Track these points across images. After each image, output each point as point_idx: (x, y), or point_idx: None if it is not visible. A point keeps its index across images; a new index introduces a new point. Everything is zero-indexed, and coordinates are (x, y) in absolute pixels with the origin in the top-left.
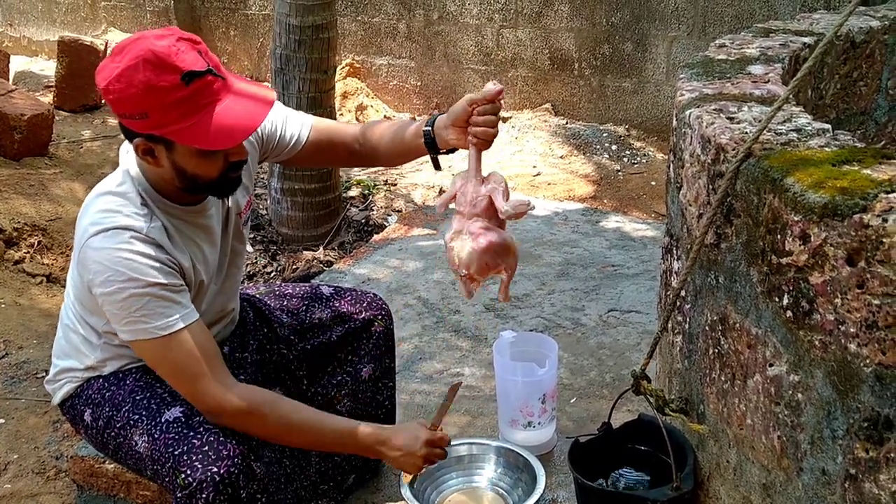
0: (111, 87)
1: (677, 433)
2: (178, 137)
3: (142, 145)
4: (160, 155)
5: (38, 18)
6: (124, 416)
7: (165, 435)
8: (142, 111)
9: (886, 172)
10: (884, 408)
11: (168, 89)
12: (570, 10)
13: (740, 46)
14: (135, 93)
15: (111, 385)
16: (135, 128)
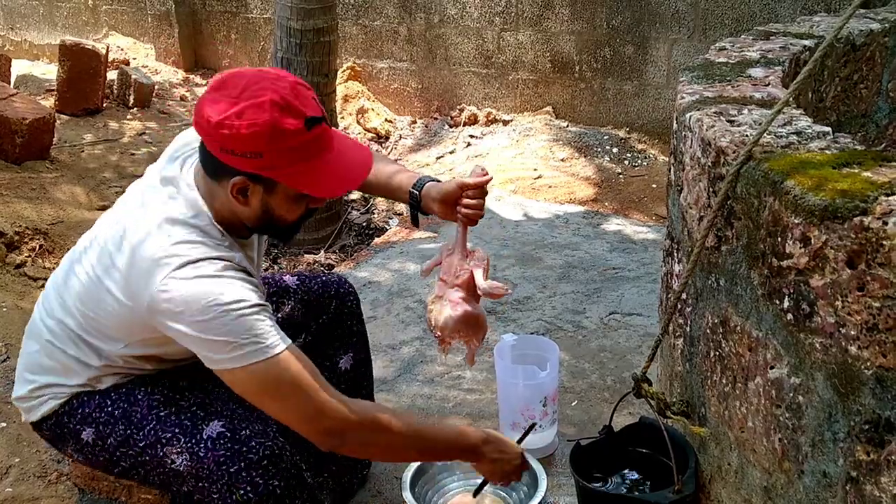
0: (228, 122)
1: (678, 436)
2: (289, 181)
3: (240, 183)
4: (254, 195)
5: (39, 22)
6: (150, 434)
7: (214, 452)
8: (257, 151)
9: (886, 175)
10: (885, 410)
11: (291, 133)
12: (571, 13)
13: (740, 49)
14: (256, 132)
15: (118, 402)
16: (240, 166)
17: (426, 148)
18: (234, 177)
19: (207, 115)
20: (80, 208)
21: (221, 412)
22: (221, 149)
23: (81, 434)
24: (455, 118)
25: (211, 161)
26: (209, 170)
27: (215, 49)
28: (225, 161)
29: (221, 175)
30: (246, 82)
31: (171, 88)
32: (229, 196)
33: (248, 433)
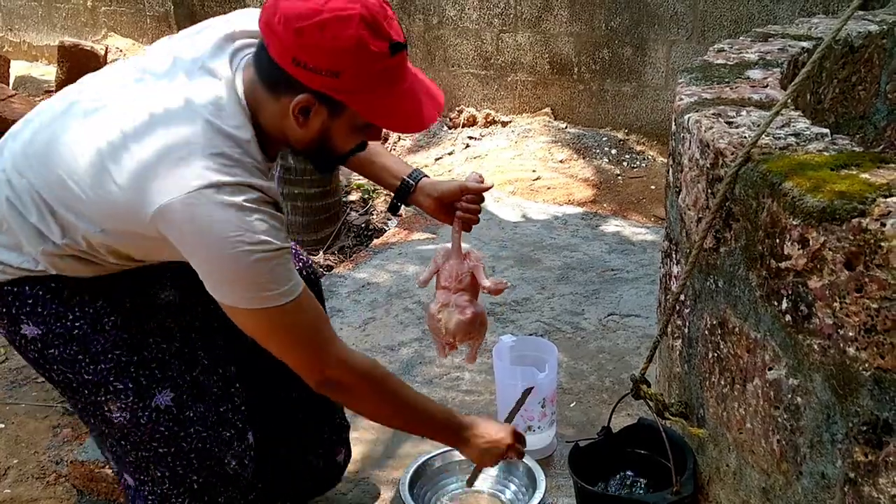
0: (308, 31)
1: (677, 437)
2: (360, 108)
3: (304, 102)
4: (316, 117)
5: (38, 23)
6: (102, 373)
7: (154, 424)
8: (335, 69)
9: (884, 177)
10: (883, 411)
11: (376, 56)
12: (570, 15)
13: (739, 51)
14: (339, 47)
15: (81, 319)
16: (311, 83)
17: (425, 149)
18: (300, 94)
19: (284, 15)
20: None
21: (177, 379)
22: (294, 60)
23: (23, 327)
24: (454, 119)
25: (274, 71)
26: (268, 80)
27: None
28: (293, 74)
29: (284, 90)
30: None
31: None
32: (288, 114)
33: (192, 415)
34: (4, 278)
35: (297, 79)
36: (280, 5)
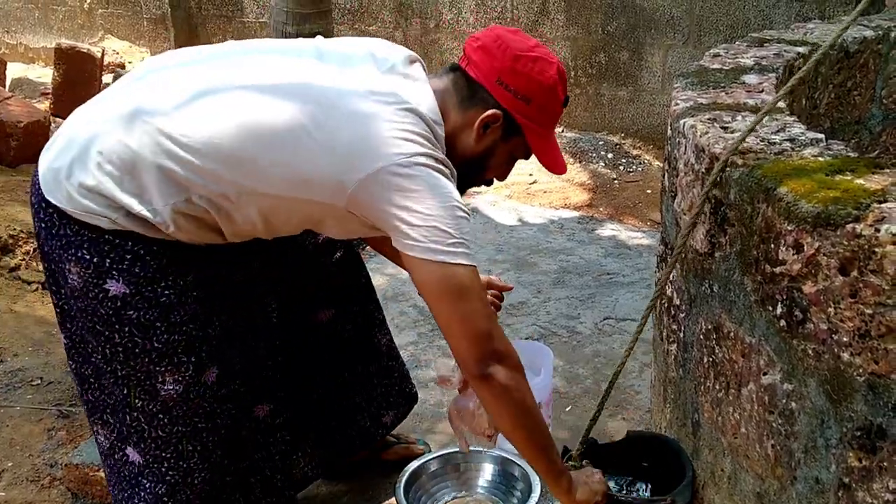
0: (524, 59)
1: (675, 445)
2: (530, 137)
3: (494, 117)
4: (492, 134)
5: (34, 25)
6: (172, 344)
7: (200, 399)
8: (529, 96)
9: (879, 182)
10: (877, 417)
11: (558, 100)
12: (566, 19)
13: (735, 56)
14: (540, 80)
15: (170, 284)
16: (505, 101)
17: None
18: (492, 109)
19: (508, 43)
20: None
21: (228, 357)
22: (499, 80)
23: (109, 282)
24: None
25: (473, 86)
26: (463, 94)
27: None
28: (491, 91)
29: (477, 102)
30: (537, 41)
31: None
32: (469, 125)
33: (226, 392)
34: (108, 227)
35: (494, 96)
36: (501, 34)
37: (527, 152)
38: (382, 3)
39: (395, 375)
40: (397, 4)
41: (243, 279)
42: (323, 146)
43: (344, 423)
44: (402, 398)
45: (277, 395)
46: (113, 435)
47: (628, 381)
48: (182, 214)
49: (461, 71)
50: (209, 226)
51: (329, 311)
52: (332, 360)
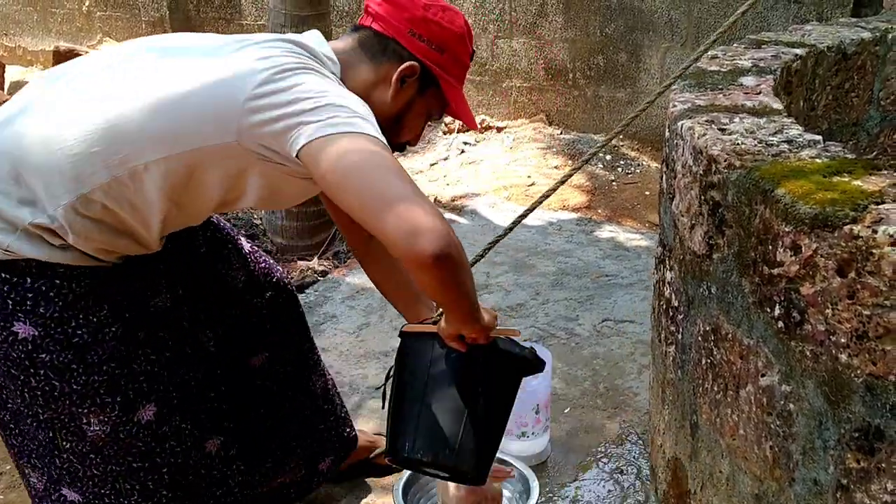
0: (433, 8)
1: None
2: (446, 87)
3: (411, 69)
4: (409, 89)
5: (33, 28)
6: (92, 385)
7: (133, 439)
8: (442, 46)
9: (876, 183)
10: (874, 418)
11: (467, 50)
12: (565, 21)
13: (732, 58)
14: (451, 29)
15: (82, 323)
16: (420, 52)
17: (420, 154)
18: (408, 61)
19: None
20: None
21: (162, 393)
22: (411, 30)
23: (16, 325)
24: (449, 125)
25: (384, 40)
26: (375, 48)
27: None
28: (405, 43)
29: (390, 56)
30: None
31: None
32: (382, 80)
33: (168, 430)
34: (3, 257)
35: (408, 48)
36: None
37: (441, 107)
38: None
39: (332, 419)
40: None
41: (166, 306)
42: (199, 87)
43: (278, 470)
44: (338, 443)
45: (225, 426)
46: (45, 478)
47: (626, 382)
48: (80, 216)
49: (366, 28)
50: (115, 228)
51: (262, 356)
52: (267, 404)
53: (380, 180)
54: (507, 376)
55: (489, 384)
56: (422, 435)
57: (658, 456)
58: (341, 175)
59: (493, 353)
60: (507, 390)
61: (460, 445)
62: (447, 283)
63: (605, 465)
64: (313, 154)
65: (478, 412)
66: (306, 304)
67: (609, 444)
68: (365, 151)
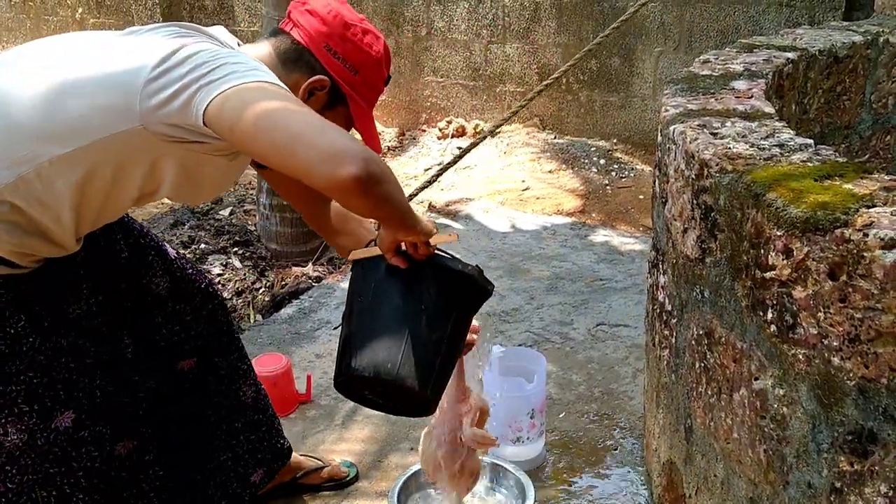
0: (355, 28)
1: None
2: (354, 108)
3: (320, 82)
4: (316, 102)
5: (26, 36)
6: (10, 395)
7: (50, 446)
8: (357, 67)
9: (867, 187)
10: (868, 421)
11: (382, 76)
12: (558, 26)
13: (724, 62)
14: (368, 53)
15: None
16: (332, 69)
17: (414, 160)
18: (320, 74)
19: (339, 11)
20: None
21: (81, 399)
22: (328, 46)
23: None
24: (443, 130)
25: (299, 49)
26: (289, 55)
27: None
28: (320, 57)
29: (302, 66)
30: (365, 16)
31: None
32: (296, 89)
33: (87, 436)
34: None
35: (322, 62)
36: (331, 3)
37: (347, 125)
38: (374, 11)
39: (263, 430)
40: (389, 12)
41: (86, 313)
42: (97, 77)
43: (208, 481)
44: (270, 454)
45: (141, 431)
46: None
47: (621, 386)
48: None
49: (285, 34)
50: (26, 229)
51: (190, 361)
52: (195, 413)
53: (286, 119)
54: (452, 294)
55: (431, 300)
56: (364, 352)
57: (653, 460)
58: (249, 123)
59: (434, 269)
60: (452, 308)
61: (402, 361)
62: (377, 200)
63: (600, 470)
64: (216, 112)
65: (421, 329)
66: (301, 309)
67: (604, 449)
68: (266, 97)
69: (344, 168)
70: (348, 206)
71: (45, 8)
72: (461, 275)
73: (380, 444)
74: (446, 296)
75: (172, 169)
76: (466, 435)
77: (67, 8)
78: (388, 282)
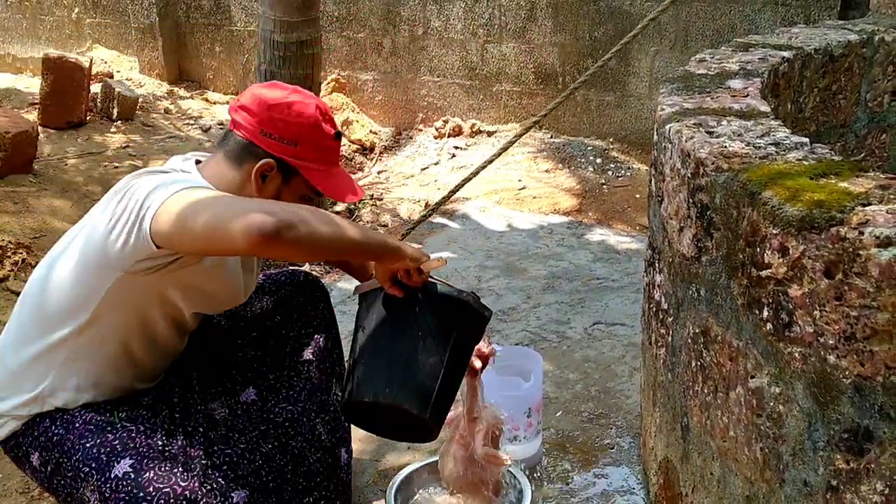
0: (280, 107)
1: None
2: (308, 175)
3: (266, 167)
4: (271, 182)
5: (22, 35)
6: (75, 465)
7: (116, 494)
8: (295, 139)
9: (863, 185)
10: (863, 419)
11: (326, 135)
12: (554, 25)
13: (720, 61)
14: (300, 122)
15: (59, 426)
16: (274, 150)
17: (411, 159)
18: (264, 159)
19: (261, 96)
20: (64, 221)
21: (138, 448)
22: (262, 131)
23: (31, 458)
24: (439, 130)
25: (242, 144)
26: (234, 153)
27: (199, 62)
28: (259, 143)
29: (248, 158)
30: (290, 88)
31: (155, 101)
32: (249, 179)
33: (151, 476)
34: (15, 425)
35: (263, 147)
36: (255, 92)
37: (311, 191)
38: (371, 11)
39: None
40: (385, 12)
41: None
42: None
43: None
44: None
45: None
46: None
47: (618, 385)
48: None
49: (232, 135)
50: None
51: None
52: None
53: (207, 210)
54: (448, 320)
55: (427, 326)
56: (364, 379)
57: (650, 458)
58: (179, 226)
59: (429, 297)
60: (449, 334)
61: (399, 386)
62: (301, 243)
63: (597, 469)
64: (156, 229)
65: (418, 354)
66: None
67: (601, 448)
68: (186, 198)
69: (252, 227)
70: (280, 257)
71: (42, 8)
72: (456, 301)
73: (377, 443)
74: (443, 322)
75: (178, 293)
76: (479, 454)
77: (64, 8)
78: (387, 311)
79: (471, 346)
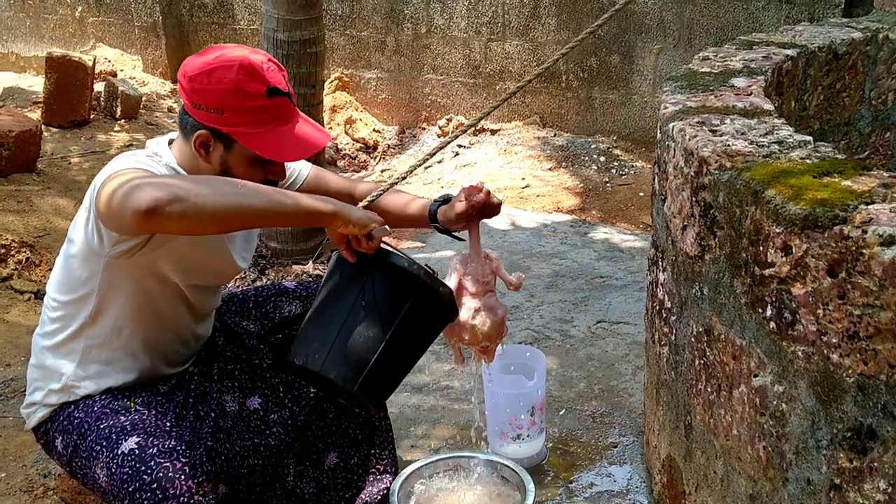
0: (199, 77)
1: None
2: (244, 140)
3: (202, 137)
4: (214, 151)
5: (26, 34)
6: (89, 445)
7: (121, 469)
8: (220, 107)
9: (866, 184)
10: (867, 417)
11: (252, 96)
12: (557, 23)
13: (724, 59)
14: (221, 89)
15: (80, 411)
16: (204, 120)
17: (415, 157)
18: (199, 130)
19: (184, 68)
20: (67, 220)
21: (147, 427)
22: (193, 104)
23: (56, 442)
24: (443, 128)
25: (183, 118)
26: (183, 128)
27: None
28: (193, 115)
29: (190, 130)
30: (222, 49)
31: (159, 100)
32: (193, 151)
33: (154, 452)
34: (45, 412)
35: (196, 119)
36: (184, 63)
37: (255, 156)
38: (374, 9)
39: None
40: (389, 10)
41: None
42: (74, 250)
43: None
44: None
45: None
46: None
47: (621, 383)
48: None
49: (182, 108)
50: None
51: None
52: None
53: (114, 192)
54: (396, 293)
55: (372, 297)
56: (303, 341)
57: (653, 457)
58: (103, 211)
59: (380, 266)
60: (397, 308)
61: (332, 353)
62: (189, 216)
63: (601, 467)
64: (98, 215)
65: (357, 324)
66: None
67: (604, 446)
68: (111, 182)
69: (134, 205)
70: (172, 231)
71: (45, 6)
72: (404, 272)
73: None
74: (392, 294)
75: (170, 266)
76: (514, 282)
77: (67, 6)
78: (339, 275)
79: (429, 325)
